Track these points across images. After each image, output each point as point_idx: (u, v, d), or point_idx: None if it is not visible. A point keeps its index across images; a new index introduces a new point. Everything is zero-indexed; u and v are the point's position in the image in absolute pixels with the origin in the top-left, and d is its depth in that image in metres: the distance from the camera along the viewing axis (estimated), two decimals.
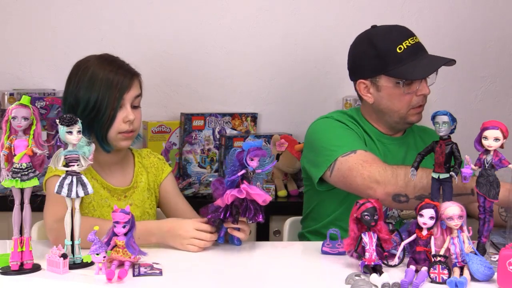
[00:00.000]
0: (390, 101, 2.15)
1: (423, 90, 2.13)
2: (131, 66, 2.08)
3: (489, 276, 1.61)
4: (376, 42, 2.14)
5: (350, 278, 1.60)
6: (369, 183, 1.97)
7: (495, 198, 1.71)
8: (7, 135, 1.63)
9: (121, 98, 1.99)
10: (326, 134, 2.17)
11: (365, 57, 2.17)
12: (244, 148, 1.80)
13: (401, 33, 2.15)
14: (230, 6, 3.09)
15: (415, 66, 2.09)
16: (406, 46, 2.11)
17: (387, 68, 2.12)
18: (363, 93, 2.20)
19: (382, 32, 2.17)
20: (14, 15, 3.00)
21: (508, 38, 3.21)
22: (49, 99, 2.82)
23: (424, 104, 2.17)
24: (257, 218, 1.83)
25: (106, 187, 2.06)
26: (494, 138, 1.67)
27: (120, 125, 2.00)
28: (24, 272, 1.65)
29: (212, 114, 3.04)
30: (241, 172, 1.81)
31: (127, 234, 1.65)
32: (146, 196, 2.14)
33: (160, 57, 3.06)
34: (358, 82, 2.20)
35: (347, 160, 2.04)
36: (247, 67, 3.12)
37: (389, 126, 2.23)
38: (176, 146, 3.01)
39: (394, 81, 2.12)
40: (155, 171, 2.20)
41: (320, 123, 2.25)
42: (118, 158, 2.11)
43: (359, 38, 2.22)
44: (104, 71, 2.00)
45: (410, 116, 2.17)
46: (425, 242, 1.65)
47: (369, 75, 2.16)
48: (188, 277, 1.69)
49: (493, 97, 3.23)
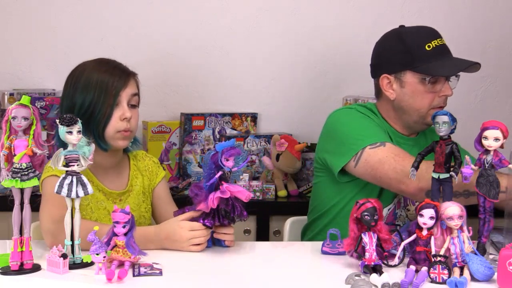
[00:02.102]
0: (412, 98, 2.15)
1: (446, 91, 2.14)
2: (126, 66, 2.08)
3: (489, 276, 1.61)
4: (405, 38, 2.16)
5: (350, 278, 1.60)
6: (402, 178, 1.96)
7: (495, 198, 1.70)
8: (7, 135, 1.63)
9: (117, 95, 1.99)
10: (351, 123, 2.16)
11: (393, 51, 2.18)
12: (217, 150, 1.81)
13: (430, 33, 2.17)
14: (230, 6, 3.10)
15: (442, 65, 2.11)
16: (434, 45, 2.13)
17: (415, 64, 2.13)
18: (386, 89, 2.19)
19: (411, 30, 2.20)
20: (14, 15, 3.00)
21: (508, 38, 3.21)
22: (49, 99, 2.82)
23: (444, 106, 2.17)
24: (243, 215, 1.85)
25: (102, 190, 2.05)
26: (494, 138, 1.67)
27: (117, 123, 1.99)
28: (24, 272, 1.64)
29: (212, 114, 3.04)
30: (218, 174, 1.81)
31: (127, 234, 1.65)
32: (141, 199, 2.13)
33: (160, 57, 3.06)
34: (382, 77, 2.19)
35: (377, 152, 2.04)
36: (247, 67, 3.12)
37: (407, 125, 2.22)
38: (176, 146, 3.01)
39: (420, 77, 2.13)
40: (149, 175, 2.18)
41: (344, 112, 2.23)
42: (114, 161, 2.09)
43: (387, 35, 2.24)
44: (98, 72, 2.00)
45: (429, 116, 2.14)
46: (425, 242, 1.65)
47: (394, 69, 2.16)
48: (188, 277, 1.69)
49: (493, 97, 3.23)
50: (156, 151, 2.95)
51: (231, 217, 1.85)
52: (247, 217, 1.87)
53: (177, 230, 1.87)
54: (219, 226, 1.89)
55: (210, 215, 1.85)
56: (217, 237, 1.90)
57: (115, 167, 2.11)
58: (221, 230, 1.90)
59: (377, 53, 2.25)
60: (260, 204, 2.80)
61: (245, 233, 2.78)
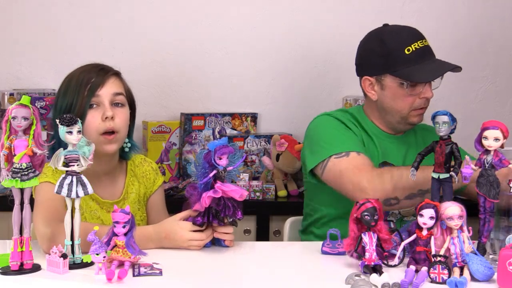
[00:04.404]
0: (393, 100, 2.16)
1: (426, 94, 2.14)
2: (109, 66, 2.02)
3: (489, 276, 1.61)
4: (385, 41, 2.15)
5: (350, 278, 1.60)
6: (359, 190, 2.00)
7: (495, 198, 1.71)
8: (7, 135, 1.63)
9: (92, 95, 1.92)
10: (323, 131, 2.21)
11: (373, 54, 2.18)
12: (210, 149, 1.81)
13: (412, 35, 2.16)
14: (230, 6, 3.10)
15: (421, 69, 2.11)
16: (414, 48, 2.12)
17: (393, 68, 2.13)
18: (368, 90, 2.21)
19: (392, 31, 2.18)
20: (14, 15, 3.00)
21: (508, 38, 3.21)
22: (49, 99, 2.82)
23: (426, 107, 2.18)
24: (237, 215, 1.85)
25: (95, 200, 2.01)
26: (494, 138, 1.67)
27: (99, 124, 1.92)
28: (24, 272, 1.64)
29: (212, 114, 3.04)
30: (212, 173, 1.81)
31: (127, 234, 1.65)
32: (136, 207, 2.09)
33: (160, 57, 3.06)
34: (364, 79, 2.21)
35: (340, 163, 2.08)
36: (247, 67, 3.12)
37: (391, 125, 2.24)
38: (176, 146, 3.01)
39: (398, 82, 2.13)
40: (146, 182, 2.14)
41: (320, 119, 2.27)
42: (107, 168, 2.03)
43: (370, 35, 2.24)
44: (78, 73, 1.97)
45: (411, 117, 2.18)
46: (425, 242, 1.65)
47: (375, 73, 2.18)
48: (188, 277, 1.69)
49: (493, 97, 3.23)
50: (156, 151, 2.95)
51: (221, 217, 1.84)
52: (241, 217, 1.86)
53: (177, 230, 1.87)
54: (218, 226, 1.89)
55: (202, 214, 1.85)
56: (217, 237, 1.90)
57: (109, 174, 2.05)
58: (220, 229, 1.89)
59: (359, 54, 2.25)
60: (260, 204, 2.80)
61: (245, 233, 2.78)
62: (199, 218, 1.85)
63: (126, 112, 2.00)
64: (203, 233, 1.87)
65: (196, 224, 1.86)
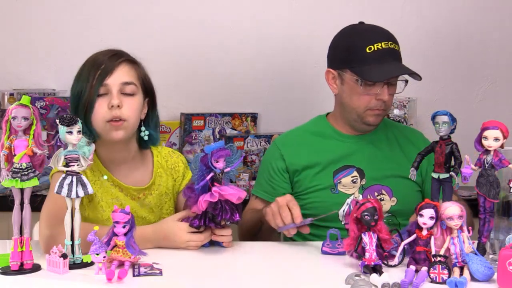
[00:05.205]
0: (350, 96, 2.17)
1: (382, 96, 2.12)
2: (123, 52, 1.99)
3: (489, 276, 1.61)
4: (351, 36, 2.17)
5: (350, 278, 1.60)
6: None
7: (495, 198, 1.71)
8: (7, 135, 1.63)
9: (101, 84, 1.89)
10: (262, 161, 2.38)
11: (338, 48, 2.21)
12: (206, 152, 1.81)
13: (378, 35, 2.14)
14: (230, 6, 3.10)
15: (376, 69, 2.09)
16: (376, 48, 2.11)
17: (352, 64, 2.14)
18: (330, 83, 2.23)
19: (361, 29, 2.19)
20: (14, 15, 3.00)
21: (508, 38, 3.21)
22: (49, 99, 2.82)
23: (384, 109, 2.16)
24: (234, 217, 1.84)
25: (118, 185, 1.98)
26: (494, 138, 1.67)
27: (105, 112, 1.89)
28: (24, 272, 1.64)
29: (212, 114, 3.04)
30: (209, 176, 1.80)
31: (127, 234, 1.65)
32: (164, 200, 2.06)
33: (160, 57, 3.06)
34: (327, 71, 2.23)
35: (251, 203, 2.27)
36: (247, 67, 3.12)
37: (349, 123, 2.22)
38: (176, 146, 3.01)
39: (354, 78, 2.14)
40: (175, 174, 2.09)
41: (270, 147, 2.36)
42: (124, 156, 1.99)
43: (342, 30, 2.25)
44: (93, 58, 1.95)
45: (367, 116, 2.16)
46: (425, 242, 1.65)
47: (337, 66, 2.19)
48: (188, 277, 1.69)
49: (493, 97, 3.23)
50: None
51: (217, 221, 1.84)
52: (239, 219, 1.86)
53: (176, 231, 1.87)
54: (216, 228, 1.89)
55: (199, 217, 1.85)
56: (215, 240, 1.90)
57: (128, 163, 2.01)
58: (218, 232, 1.89)
59: (329, 46, 2.27)
60: None
61: None
62: (196, 221, 1.85)
63: (136, 101, 1.96)
64: (201, 234, 1.87)
65: (193, 226, 1.86)
